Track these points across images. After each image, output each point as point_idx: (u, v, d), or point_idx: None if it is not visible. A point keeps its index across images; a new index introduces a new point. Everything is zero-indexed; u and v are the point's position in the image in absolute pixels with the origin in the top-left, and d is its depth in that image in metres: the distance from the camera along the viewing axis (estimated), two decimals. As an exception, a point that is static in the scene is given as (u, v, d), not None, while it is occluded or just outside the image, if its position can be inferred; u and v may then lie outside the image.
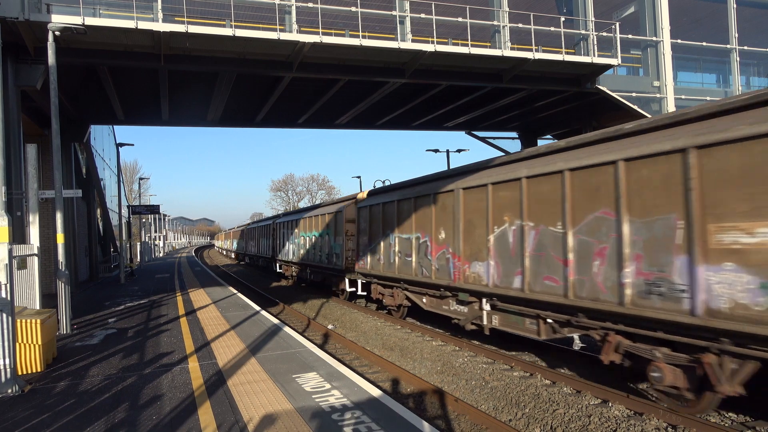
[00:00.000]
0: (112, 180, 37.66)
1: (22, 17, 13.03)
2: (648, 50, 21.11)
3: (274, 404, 6.63)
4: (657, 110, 20.37)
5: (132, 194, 60.52)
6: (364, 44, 15.93)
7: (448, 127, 28.24)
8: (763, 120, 6.16)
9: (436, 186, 13.23)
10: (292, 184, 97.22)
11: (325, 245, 22.62)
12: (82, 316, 14.66)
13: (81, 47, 14.83)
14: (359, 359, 12.07)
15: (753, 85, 25.86)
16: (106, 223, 34.81)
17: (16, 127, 14.01)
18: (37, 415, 6.54)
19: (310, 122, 25.42)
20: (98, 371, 8.62)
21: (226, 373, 8.22)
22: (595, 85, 19.64)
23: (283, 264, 31.92)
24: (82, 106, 21.82)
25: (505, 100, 22.46)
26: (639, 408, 7.76)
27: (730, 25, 22.15)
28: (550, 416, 7.88)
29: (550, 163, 9.40)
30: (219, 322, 13.15)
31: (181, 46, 15.35)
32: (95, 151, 29.31)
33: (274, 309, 19.67)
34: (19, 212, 13.95)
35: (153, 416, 6.34)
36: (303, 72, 17.17)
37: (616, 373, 9.68)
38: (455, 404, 8.32)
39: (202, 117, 24.39)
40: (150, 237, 68.60)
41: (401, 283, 14.99)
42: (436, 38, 16.96)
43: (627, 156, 7.78)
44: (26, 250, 10.78)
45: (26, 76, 14.46)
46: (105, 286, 25.00)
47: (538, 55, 17.90)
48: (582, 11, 19.89)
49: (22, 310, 9.32)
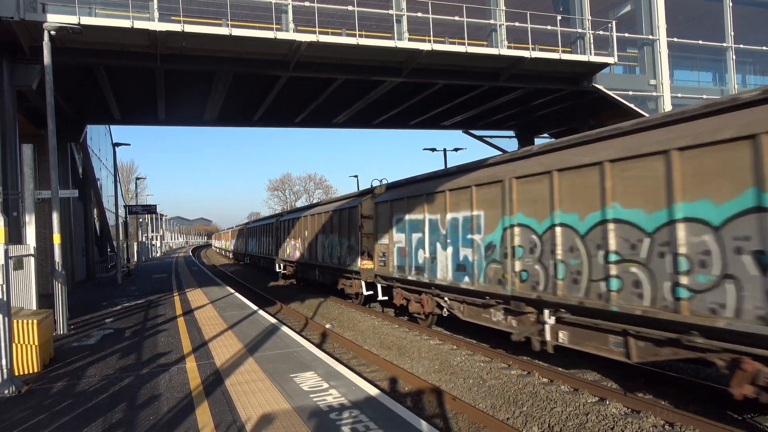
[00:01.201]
0: (108, 180, 37.51)
1: (18, 17, 12.96)
2: (644, 49, 21.14)
3: (272, 404, 6.63)
4: (654, 108, 20.41)
5: (129, 194, 60.35)
6: (361, 43, 15.92)
7: (446, 126, 28.25)
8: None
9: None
10: (290, 183, 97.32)
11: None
12: (80, 316, 14.63)
13: (77, 47, 14.76)
14: (357, 358, 12.08)
15: (749, 83, 25.95)
16: (103, 223, 34.71)
17: (12, 127, 13.96)
18: (34, 415, 6.52)
19: (308, 121, 25.39)
20: (95, 371, 8.60)
21: (224, 372, 8.21)
22: (591, 83, 19.67)
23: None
24: (79, 105, 21.76)
25: (502, 99, 22.48)
26: (636, 406, 7.78)
27: (726, 23, 22.21)
28: (547, 414, 7.90)
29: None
30: (216, 321, 13.13)
31: (177, 45, 15.30)
32: (92, 150, 29.22)
33: (271, 308, 19.66)
34: (16, 212, 13.90)
35: (150, 416, 6.34)
36: (300, 71, 17.15)
37: (612, 372, 9.71)
38: (453, 403, 8.34)
39: (199, 116, 24.35)
40: (147, 237, 68.49)
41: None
42: (432, 37, 16.96)
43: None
44: (23, 251, 10.74)
45: (22, 76, 14.39)
46: (102, 286, 24.94)
47: (534, 53, 17.91)
48: (578, 10, 19.91)
49: (19, 310, 9.29)
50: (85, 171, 28.24)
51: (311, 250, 24.72)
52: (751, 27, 24.73)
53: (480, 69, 18.86)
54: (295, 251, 28.36)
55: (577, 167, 8.70)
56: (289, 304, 21.06)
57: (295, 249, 28.21)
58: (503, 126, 28.36)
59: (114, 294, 20.76)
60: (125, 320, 13.92)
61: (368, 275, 17.42)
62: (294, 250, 28.54)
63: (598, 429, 7.29)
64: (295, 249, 28.21)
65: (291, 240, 29.41)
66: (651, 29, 20.93)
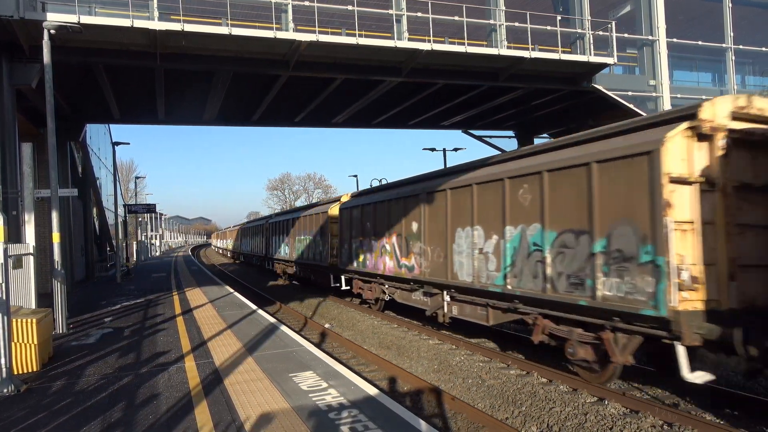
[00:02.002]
0: (108, 179, 37.47)
1: (17, 15, 12.94)
2: (644, 49, 21.15)
3: (271, 403, 6.63)
4: (653, 109, 20.43)
5: (128, 193, 60.25)
6: (361, 43, 15.92)
7: (445, 126, 28.26)
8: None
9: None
10: (289, 183, 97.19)
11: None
12: (79, 315, 14.62)
13: (76, 46, 14.74)
14: (356, 358, 12.08)
15: (748, 84, 25.97)
16: (102, 222, 34.70)
17: (11, 126, 13.96)
18: (33, 414, 6.52)
19: (307, 121, 25.39)
20: (95, 371, 8.60)
21: (223, 372, 8.21)
22: (591, 83, 19.68)
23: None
24: (78, 104, 21.74)
25: (502, 99, 22.48)
26: (635, 406, 7.79)
27: (725, 24, 22.23)
28: (546, 414, 7.90)
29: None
30: (216, 321, 13.14)
31: (177, 44, 15.29)
32: (91, 149, 29.20)
33: (271, 308, 19.66)
34: (15, 211, 13.90)
35: (150, 416, 6.34)
36: (300, 71, 17.15)
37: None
38: (452, 402, 8.35)
39: (198, 116, 24.33)
40: (146, 236, 68.44)
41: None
42: (432, 37, 16.96)
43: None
44: (22, 250, 10.74)
45: (21, 75, 14.38)
46: (101, 285, 24.94)
47: (534, 54, 17.92)
48: (578, 10, 19.92)
49: (18, 309, 9.29)
50: (85, 170, 28.22)
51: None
52: (751, 27, 24.74)
53: (479, 69, 18.87)
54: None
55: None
56: (289, 303, 21.06)
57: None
58: (503, 126, 28.37)
59: (113, 293, 20.75)
60: (124, 319, 13.92)
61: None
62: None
63: (597, 429, 7.30)
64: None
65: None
66: (650, 30, 20.94)
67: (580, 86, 19.91)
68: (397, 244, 15.12)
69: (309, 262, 24.53)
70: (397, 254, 15.13)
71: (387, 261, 15.84)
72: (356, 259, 18.22)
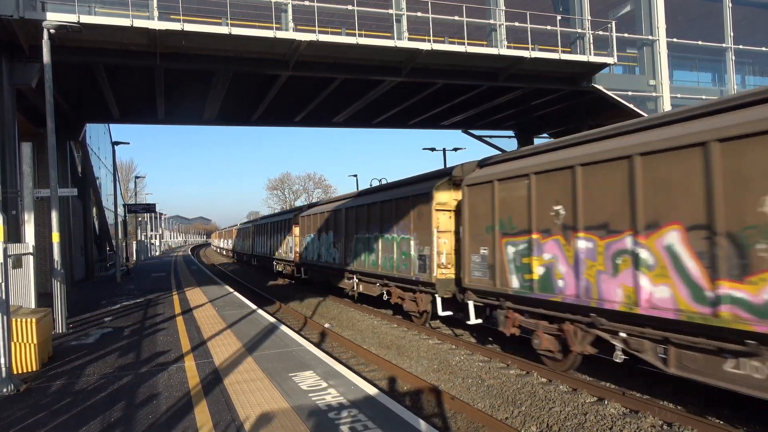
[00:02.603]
0: (107, 178, 37.46)
1: (17, 15, 12.93)
2: (644, 49, 21.14)
3: (271, 403, 6.63)
4: (653, 109, 20.42)
5: (128, 193, 60.22)
6: (361, 43, 15.91)
7: (445, 126, 28.25)
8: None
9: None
10: (289, 182, 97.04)
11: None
12: (78, 315, 14.62)
13: (76, 45, 14.74)
14: (356, 358, 12.09)
15: (748, 84, 25.95)
16: (102, 222, 34.69)
17: (11, 125, 13.94)
18: (32, 414, 6.52)
19: (307, 120, 25.38)
20: (94, 370, 8.60)
21: (223, 371, 8.21)
22: (591, 83, 19.67)
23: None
24: (78, 104, 21.73)
25: (502, 99, 22.48)
26: (635, 406, 7.79)
27: (725, 23, 22.21)
28: (546, 414, 7.91)
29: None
30: (215, 320, 13.13)
31: (176, 44, 15.29)
32: (91, 149, 29.19)
33: (270, 308, 19.66)
34: (15, 211, 13.89)
35: (149, 415, 6.34)
36: (299, 70, 17.14)
37: (612, 372, 9.73)
38: (452, 402, 8.35)
39: (198, 115, 24.32)
40: (146, 236, 68.44)
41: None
42: (432, 37, 16.95)
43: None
44: (21, 249, 10.73)
45: (21, 75, 14.37)
46: (101, 285, 24.93)
47: (534, 53, 17.91)
48: (578, 10, 19.91)
49: (18, 309, 9.29)
50: (84, 170, 28.21)
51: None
52: (751, 27, 24.71)
53: (479, 69, 18.86)
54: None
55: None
56: (288, 303, 21.06)
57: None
58: (502, 126, 28.37)
59: (113, 293, 20.75)
60: (124, 319, 13.92)
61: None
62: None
63: (597, 429, 7.30)
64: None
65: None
66: (650, 29, 20.93)
67: (580, 86, 19.90)
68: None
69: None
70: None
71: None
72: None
